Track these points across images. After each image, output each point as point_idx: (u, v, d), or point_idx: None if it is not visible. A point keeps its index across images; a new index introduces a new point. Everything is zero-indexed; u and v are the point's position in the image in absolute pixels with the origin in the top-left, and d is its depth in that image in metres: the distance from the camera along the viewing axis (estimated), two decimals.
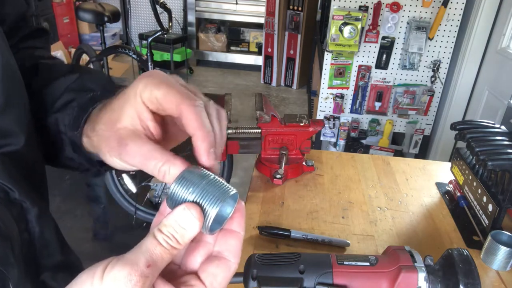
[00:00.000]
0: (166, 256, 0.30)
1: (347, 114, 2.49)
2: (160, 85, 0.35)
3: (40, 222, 0.44)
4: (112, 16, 2.96)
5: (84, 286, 0.28)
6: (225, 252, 0.33)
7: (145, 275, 0.28)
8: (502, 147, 0.82)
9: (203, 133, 0.34)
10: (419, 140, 2.50)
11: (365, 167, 1.08)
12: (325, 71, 2.40)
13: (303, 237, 0.79)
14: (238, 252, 0.33)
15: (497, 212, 0.78)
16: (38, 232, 0.44)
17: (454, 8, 2.19)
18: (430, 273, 0.54)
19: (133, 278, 0.28)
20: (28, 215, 0.43)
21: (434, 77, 2.35)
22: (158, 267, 0.30)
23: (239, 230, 0.34)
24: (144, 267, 0.28)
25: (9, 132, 0.41)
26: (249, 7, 4.78)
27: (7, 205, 0.40)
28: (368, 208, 0.91)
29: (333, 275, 0.55)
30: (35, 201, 0.43)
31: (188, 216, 0.31)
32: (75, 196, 2.56)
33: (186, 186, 0.32)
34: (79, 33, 4.69)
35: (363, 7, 2.22)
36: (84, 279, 0.28)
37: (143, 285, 0.28)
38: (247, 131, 0.97)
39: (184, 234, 0.31)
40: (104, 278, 0.28)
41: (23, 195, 0.41)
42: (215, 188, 0.32)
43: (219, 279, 0.32)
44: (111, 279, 0.28)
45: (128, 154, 0.36)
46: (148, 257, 0.29)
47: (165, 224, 0.31)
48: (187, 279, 0.32)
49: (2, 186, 0.40)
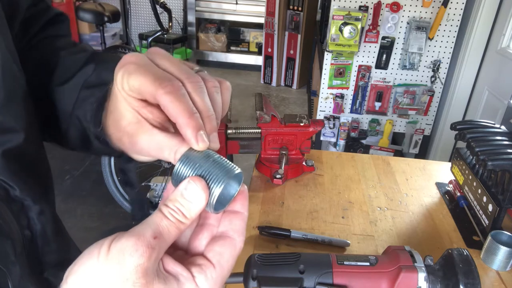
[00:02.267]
0: (173, 230, 0.30)
1: (347, 114, 2.49)
2: (134, 73, 0.33)
3: (41, 220, 0.44)
4: (112, 16, 2.96)
5: (91, 258, 0.28)
6: (230, 232, 0.33)
7: (152, 246, 0.28)
8: (502, 147, 0.82)
9: (184, 119, 0.32)
10: (419, 140, 2.50)
11: (365, 167, 1.08)
12: (325, 71, 2.40)
13: (303, 237, 0.79)
14: (243, 230, 0.33)
15: (497, 212, 0.78)
16: (40, 229, 0.44)
17: (454, 8, 2.19)
18: (430, 273, 0.54)
19: (139, 248, 0.27)
20: (29, 213, 0.43)
21: (434, 77, 2.35)
22: (165, 240, 0.30)
23: (242, 211, 0.34)
24: (150, 238, 0.28)
25: (8, 129, 0.41)
26: (249, 7, 4.78)
27: (8, 202, 0.40)
28: (368, 208, 0.91)
29: (333, 275, 0.55)
30: (37, 198, 0.43)
31: (193, 189, 0.31)
32: (75, 196, 2.56)
33: (190, 164, 0.32)
34: (79, 33, 4.69)
35: (363, 7, 2.22)
36: (91, 251, 0.28)
37: (149, 256, 0.28)
38: (247, 131, 0.97)
39: (190, 208, 0.31)
40: (111, 249, 0.28)
41: (24, 192, 0.41)
42: (220, 166, 0.32)
43: (226, 257, 0.32)
44: (117, 250, 0.27)
45: (142, 150, 0.36)
46: (155, 229, 0.29)
47: (171, 199, 0.31)
48: (194, 259, 0.32)
49: (2, 184, 0.40)
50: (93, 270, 0.27)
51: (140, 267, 0.27)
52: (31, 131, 0.44)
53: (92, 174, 2.78)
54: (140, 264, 0.27)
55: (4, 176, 0.40)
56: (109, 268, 0.27)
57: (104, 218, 2.42)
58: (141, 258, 0.27)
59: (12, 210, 0.40)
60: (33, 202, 0.43)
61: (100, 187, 2.43)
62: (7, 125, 0.40)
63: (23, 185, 0.41)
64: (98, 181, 2.47)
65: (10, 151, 0.40)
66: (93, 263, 0.28)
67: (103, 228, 2.36)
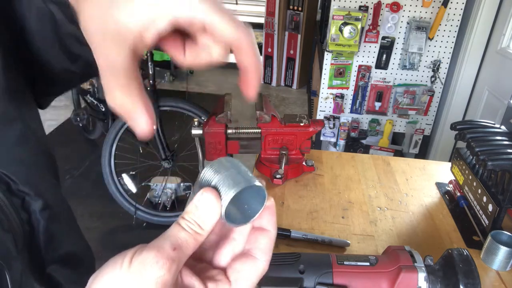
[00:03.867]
0: (191, 241, 0.31)
1: (347, 114, 2.49)
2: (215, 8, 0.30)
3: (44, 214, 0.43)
4: None
5: (115, 268, 0.29)
6: (254, 250, 0.33)
7: (171, 258, 0.29)
8: (502, 147, 0.82)
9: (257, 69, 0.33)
10: (419, 140, 2.50)
11: (365, 167, 1.08)
12: (325, 71, 2.40)
13: (303, 237, 0.79)
14: (268, 250, 0.33)
15: (497, 212, 0.78)
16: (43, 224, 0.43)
17: (454, 8, 2.19)
18: (430, 273, 0.54)
19: (160, 261, 0.28)
20: (31, 207, 0.42)
21: (434, 77, 2.35)
22: (184, 251, 0.30)
23: (269, 228, 0.33)
24: (170, 250, 0.29)
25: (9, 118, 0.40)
26: (249, 7, 4.79)
27: (9, 196, 0.40)
28: (368, 208, 0.91)
29: (333, 275, 0.55)
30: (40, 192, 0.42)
31: (205, 199, 0.31)
32: (75, 196, 2.56)
33: (212, 173, 0.32)
34: None
35: (363, 7, 2.22)
36: (115, 261, 0.29)
37: (169, 267, 0.28)
38: (247, 131, 0.97)
39: (205, 219, 0.31)
40: (133, 261, 0.28)
41: (26, 186, 0.41)
42: (238, 176, 0.32)
43: (244, 275, 0.32)
44: (138, 262, 0.28)
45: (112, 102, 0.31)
46: (174, 241, 0.30)
47: (187, 211, 0.32)
48: (214, 273, 0.33)
49: (3, 177, 0.39)
50: (116, 280, 0.28)
51: (160, 278, 0.28)
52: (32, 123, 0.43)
53: (92, 174, 2.78)
54: (160, 276, 0.28)
55: (4, 169, 0.39)
56: (131, 279, 0.28)
57: (104, 218, 2.42)
58: (161, 270, 0.28)
59: (13, 204, 0.40)
60: (36, 197, 0.42)
61: (100, 187, 2.43)
62: (9, 116, 0.40)
63: (25, 179, 0.41)
64: (98, 181, 2.47)
65: (12, 143, 0.40)
66: (116, 273, 0.28)
67: (103, 228, 2.36)
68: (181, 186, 2.48)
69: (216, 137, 0.96)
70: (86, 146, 3.18)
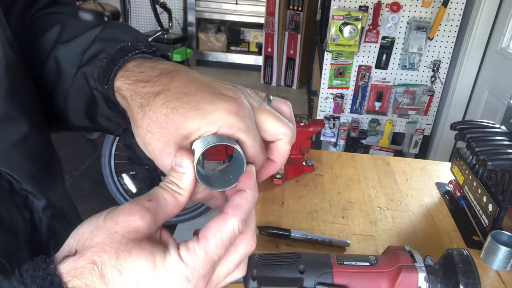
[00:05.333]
0: (169, 197, 0.31)
1: (347, 114, 2.49)
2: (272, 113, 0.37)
3: (47, 213, 0.43)
4: (112, 16, 2.96)
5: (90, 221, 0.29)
6: (226, 207, 0.32)
7: (146, 207, 0.29)
8: (502, 147, 0.82)
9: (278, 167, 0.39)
10: (419, 140, 2.50)
11: (365, 167, 1.08)
12: (325, 71, 2.40)
13: (303, 237, 0.79)
14: (238, 206, 0.32)
15: (497, 212, 0.78)
16: (45, 223, 0.43)
17: (454, 8, 2.19)
18: (430, 273, 0.54)
19: (133, 208, 0.29)
20: (34, 206, 0.42)
21: (434, 77, 2.35)
22: (162, 206, 0.31)
23: (245, 189, 0.34)
24: (144, 201, 0.30)
25: (13, 119, 0.40)
26: (249, 7, 4.78)
27: (11, 195, 0.39)
28: (368, 208, 0.91)
29: (333, 275, 0.55)
30: (43, 191, 0.42)
31: (178, 157, 0.32)
32: (75, 196, 2.56)
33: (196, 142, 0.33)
34: None
35: (363, 7, 2.22)
36: (91, 216, 0.30)
37: (143, 215, 0.29)
38: None
39: (181, 177, 0.32)
40: (109, 212, 0.29)
41: (29, 185, 0.41)
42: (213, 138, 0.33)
43: (212, 231, 0.30)
44: (113, 210, 0.29)
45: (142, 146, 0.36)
46: (150, 194, 0.31)
47: (167, 174, 0.33)
48: None
49: (6, 176, 0.39)
50: (90, 228, 0.29)
51: (132, 222, 0.28)
52: (36, 122, 0.43)
53: (92, 174, 2.78)
54: (131, 220, 0.28)
55: (8, 168, 0.39)
56: (103, 226, 0.29)
57: None
58: (134, 216, 0.29)
59: (16, 203, 0.40)
60: (39, 195, 0.42)
61: (100, 187, 2.42)
62: (12, 115, 0.40)
63: (28, 178, 0.40)
64: (98, 181, 2.47)
65: (15, 142, 0.40)
66: (92, 223, 0.29)
67: None
68: None
69: None
70: (86, 146, 3.18)
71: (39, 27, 0.48)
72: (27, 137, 0.41)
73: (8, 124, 0.39)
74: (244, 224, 0.33)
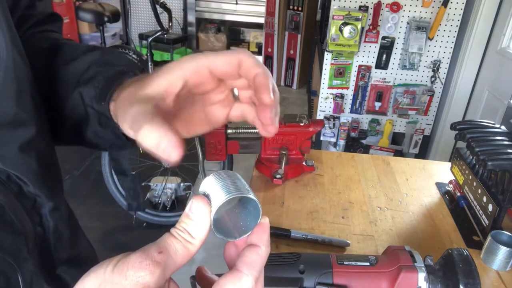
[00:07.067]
0: (180, 248, 0.30)
1: (347, 114, 2.49)
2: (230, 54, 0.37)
3: (54, 216, 0.44)
4: (112, 16, 2.96)
5: (99, 270, 0.28)
6: (239, 263, 0.31)
7: (156, 260, 0.28)
8: (502, 147, 0.82)
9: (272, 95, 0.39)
10: (419, 140, 2.50)
11: (365, 167, 1.08)
12: (325, 71, 2.40)
13: (303, 237, 0.79)
14: (253, 264, 0.31)
15: (497, 212, 0.78)
16: (52, 226, 0.44)
17: (454, 8, 2.19)
18: (430, 273, 0.54)
19: (143, 261, 0.28)
20: (42, 209, 0.42)
21: (434, 77, 2.35)
22: (172, 258, 0.29)
23: (259, 244, 0.32)
24: (155, 253, 0.29)
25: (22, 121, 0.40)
26: (249, 7, 4.78)
27: (20, 198, 0.40)
28: (368, 208, 0.91)
29: (333, 275, 0.55)
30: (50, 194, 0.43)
31: (195, 207, 0.31)
32: (75, 196, 2.56)
33: (208, 184, 0.32)
34: (79, 33, 4.69)
35: (363, 7, 2.22)
36: (101, 264, 0.29)
37: (153, 270, 0.28)
38: (247, 131, 0.97)
39: (195, 227, 0.31)
40: (118, 263, 0.28)
41: (37, 189, 0.41)
42: (231, 186, 0.31)
43: None
44: (122, 263, 0.28)
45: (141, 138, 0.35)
46: (160, 244, 0.29)
47: (180, 220, 0.31)
48: None
49: (16, 179, 0.39)
50: (98, 279, 0.28)
51: (141, 278, 0.27)
52: (41, 125, 0.43)
53: (92, 174, 2.78)
54: (141, 276, 0.27)
55: (17, 171, 0.39)
56: (113, 279, 0.27)
57: (104, 218, 2.42)
58: (144, 271, 0.27)
59: (25, 206, 0.40)
60: (46, 199, 0.42)
61: (100, 187, 2.43)
62: (21, 118, 0.40)
63: (36, 181, 0.41)
64: (98, 181, 2.47)
65: (24, 145, 0.40)
66: (100, 273, 0.28)
67: (103, 228, 2.36)
68: (181, 186, 2.48)
69: (216, 137, 0.96)
70: None
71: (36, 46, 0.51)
72: (35, 140, 0.41)
73: (18, 127, 0.40)
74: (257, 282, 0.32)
